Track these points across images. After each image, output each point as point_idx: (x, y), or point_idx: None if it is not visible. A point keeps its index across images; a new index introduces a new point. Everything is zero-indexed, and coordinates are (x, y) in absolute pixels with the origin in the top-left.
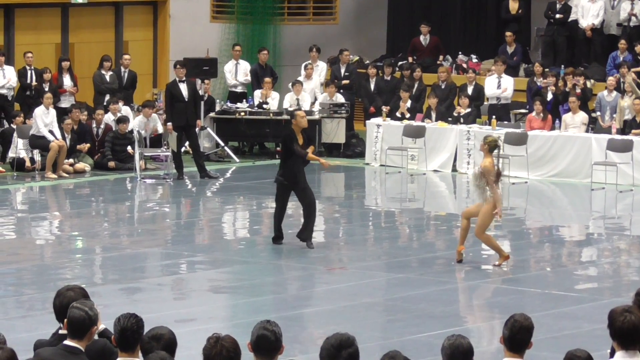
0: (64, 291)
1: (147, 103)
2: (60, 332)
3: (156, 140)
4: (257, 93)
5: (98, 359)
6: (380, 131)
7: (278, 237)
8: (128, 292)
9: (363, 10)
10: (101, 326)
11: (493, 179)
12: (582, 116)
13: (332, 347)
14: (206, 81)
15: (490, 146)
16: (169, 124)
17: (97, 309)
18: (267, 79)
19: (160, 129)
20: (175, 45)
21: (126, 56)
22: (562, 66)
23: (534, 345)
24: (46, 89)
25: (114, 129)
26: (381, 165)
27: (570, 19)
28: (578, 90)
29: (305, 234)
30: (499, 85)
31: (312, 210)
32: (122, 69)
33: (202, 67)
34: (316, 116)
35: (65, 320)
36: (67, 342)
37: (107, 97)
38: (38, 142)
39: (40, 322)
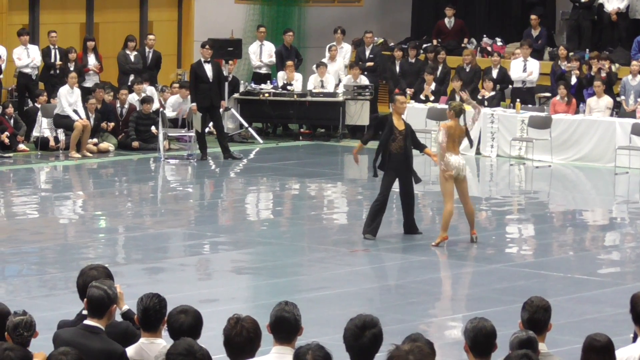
0: (87, 270)
1: (183, 83)
2: (84, 312)
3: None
4: (281, 74)
5: (120, 341)
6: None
7: (374, 232)
8: (151, 272)
9: None
10: (124, 307)
11: (445, 140)
12: (606, 100)
13: (356, 327)
14: (230, 62)
15: (456, 111)
16: (193, 104)
17: (121, 289)
18: (289, 62)
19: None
20: (199, 26)
21: (151, 36)
22: (587, 50)
23: (556, 329)
24: (71, 69)
25: (138, 109)
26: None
27: (595, 3)
28: (603, 74)
29: (408, 227)
30: (524, 68)
31: (411, 201)
32: (147, 49)
33: (227, 48)
34: (340, 98)
35: (85, 299)
36: (87, 321)
37: (132, 77)
38: (62, 122)
39: (63, 301)
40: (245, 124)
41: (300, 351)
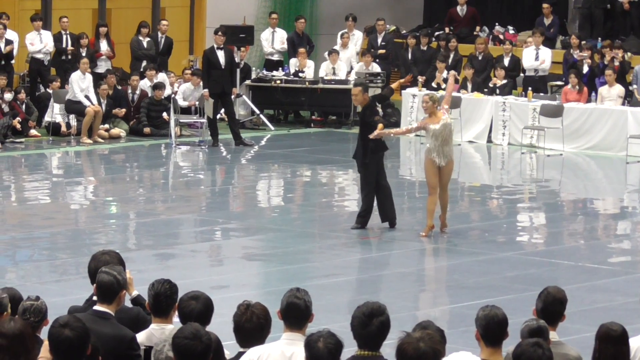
0: (99, 255)
1: (195, 71)
2: (94, 298)
3: (191, 107)
4: (293, 61)
5: (132, 326)
6: (416, 101)
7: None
8: (162, 258)
9: None
10: (134, 292)
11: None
12: (618, 89)
13: (364, 315)
14: (242, 49)
15: (433, 100)
16: (205, 90)
17: (130, 275)
18: (302, 50)
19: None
20: (212, 12)
21: (164, 22)
22: (599, 39)
23: (566, 318)
24: (83, 55)
25: (149, 95)
26: (416, 135)
27: None
28: (617, 63)
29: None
30: (537, 57)
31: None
32: (159, 35)
33: (239, 35)
34: (351, 85)
35: (94, 285)
36: (96, 307)
37: (144, 64)
38: (74, 107)
39: (73, 286)
40: (257, 111)
41: (311, 338)
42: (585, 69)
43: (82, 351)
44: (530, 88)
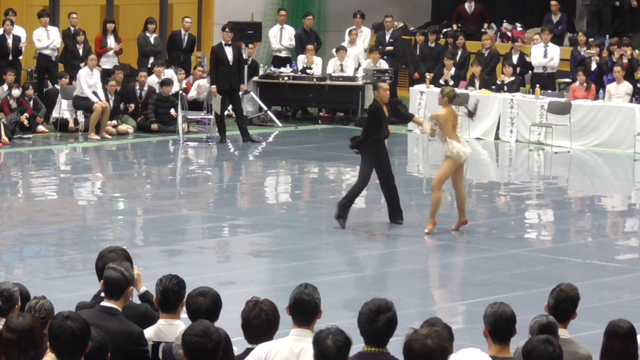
0: (106, 252)
1: None
2: (102, 294)
3: (199, 103)
4: (301, 58)
5: (140, 323)
6: (424, 98)
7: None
8: (169, 254)
9: None
10: (142, 288)
11: (449, 126)
12: (626, 86)
13: (371, 311)
14: (250, 45)
15: (450, 97)
16: (213, 87)
17: (139, 271)
18: (310, 46)
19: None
20: (220, 9)
21: (187, 19)
22: (607, 36)
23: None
24: (80, 52)
25: (157, 91)
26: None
27: None
28: (625, 61)
29: (394, 216)
30: (545, 54)
31: (393, 190)
32: (183, 32)
33: (247, 31)
34: (359, 82)
35: (102, 281)
36: (104, 303)
37: (151, 60)
38: (82, 103)
39: (81, 282)
40: (265, 107)
41: (320, 336)
42: (594, 66)
43: (84, 345)
44: (538, 85)
